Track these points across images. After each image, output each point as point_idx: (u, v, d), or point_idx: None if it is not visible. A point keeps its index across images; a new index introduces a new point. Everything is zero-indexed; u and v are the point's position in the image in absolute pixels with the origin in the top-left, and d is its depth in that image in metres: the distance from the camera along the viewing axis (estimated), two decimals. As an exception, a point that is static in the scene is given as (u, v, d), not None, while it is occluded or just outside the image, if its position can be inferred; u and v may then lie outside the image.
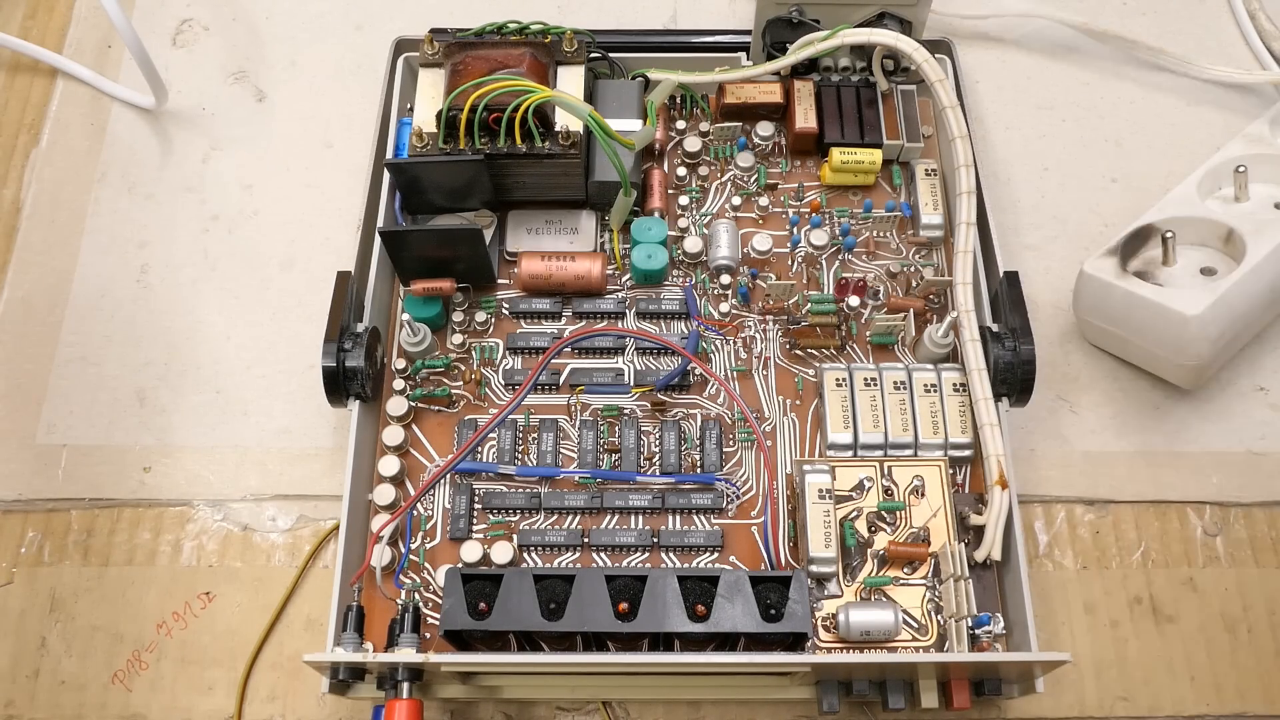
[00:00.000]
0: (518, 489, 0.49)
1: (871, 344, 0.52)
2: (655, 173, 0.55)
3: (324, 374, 0.47)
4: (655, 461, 0.49)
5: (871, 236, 0.54)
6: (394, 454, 0.49)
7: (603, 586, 0.41)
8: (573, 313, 0.53)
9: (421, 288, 0.51)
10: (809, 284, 0.53)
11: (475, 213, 0.53)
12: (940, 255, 0.54)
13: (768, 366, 0.51)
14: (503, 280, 0.53)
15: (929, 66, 0.51)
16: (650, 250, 0.52)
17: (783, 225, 0.55)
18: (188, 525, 0.50)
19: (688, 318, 0.52)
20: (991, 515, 0.46)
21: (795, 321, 0.51)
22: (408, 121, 0.54)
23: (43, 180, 0.55)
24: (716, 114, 0.57)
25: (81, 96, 0.56)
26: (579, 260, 0.52)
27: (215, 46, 0.56)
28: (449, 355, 0.51)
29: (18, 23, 0.57)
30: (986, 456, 0.47)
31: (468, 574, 0.42)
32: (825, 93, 0.55)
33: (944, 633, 0.45)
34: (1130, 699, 0.48)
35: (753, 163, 0.55)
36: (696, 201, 0.55)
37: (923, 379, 0.49)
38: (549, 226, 0.54)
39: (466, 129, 0.50)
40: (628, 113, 0.54)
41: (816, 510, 0.45)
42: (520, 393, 0.46)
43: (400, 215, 0.53)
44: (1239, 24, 0.60)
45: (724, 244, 0.53)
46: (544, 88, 0.49)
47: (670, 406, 0.51)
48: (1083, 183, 0.59)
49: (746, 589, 0.41)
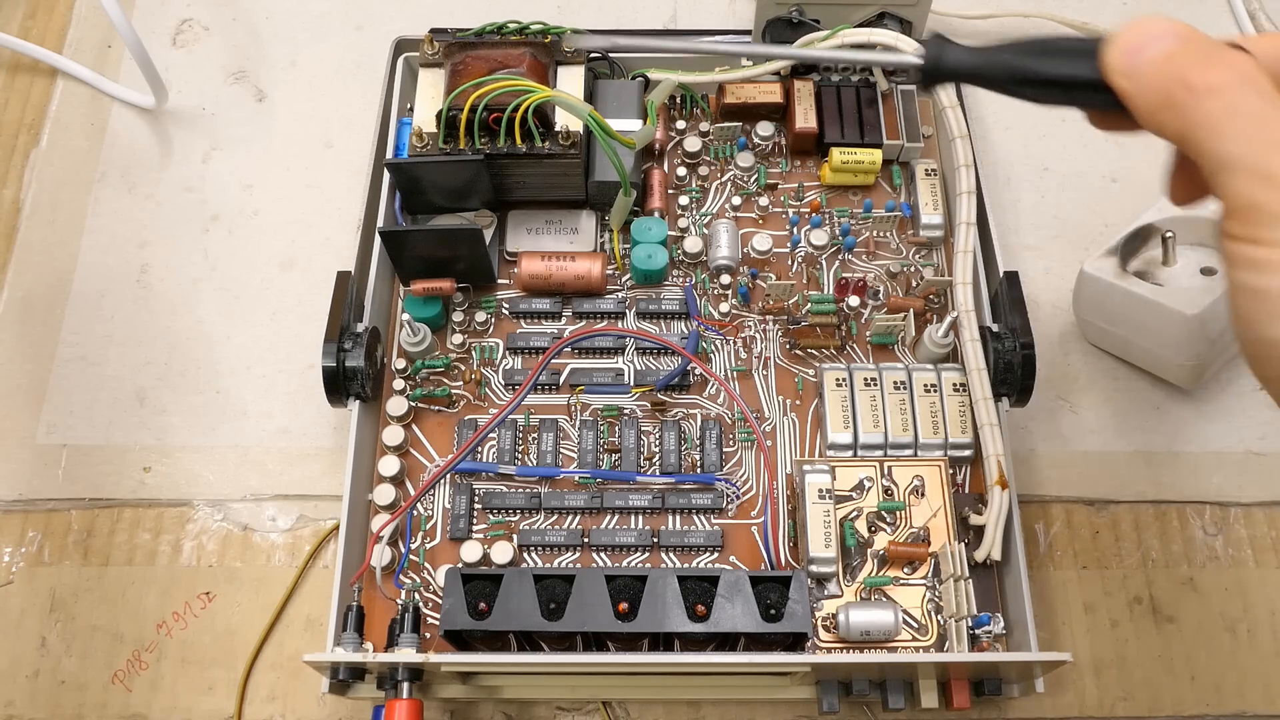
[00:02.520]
0: (518, 489, 0.49)
1: (871, 344, 0.52)
2: (655, 173, 0.55)
3: (324, 374, 0.47)
4: (655, 461, 0.49)
5: (872, 236, 0.54)
6: (394, 454, 0.49)
7: (603, 586, 0.41)
8: (573, 313, 0.53)
9: (421, 288, 0.51)
10: (809, 284, 0.53)
11: (475, 213, 0.53)
12: (940, 255, 0.54)
13: (768, 366, 0.51)
14: (503, 280, 0.53)
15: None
16: (650, 250, 0.52)
17: (783, 225, 0.55)
18: (188, 525, 0.50)
19: (688, 318, 0.52)
20: (991, 515, 0.46)
21: (795, 321, 0.51)
22: (408, 121, 0.54)
23: (43, 180, 0.55)
24: (716, 114, 0.57)
25: (81, 96, 0.56)
26: (579, 260, 0.52)
27: (215, 46, 0.56)
28: (449, 355, 0.51)
29: (18, 23, 0.57)
30: (986, 456, 0.47)
31: (468, 574, 0.42)
32: (825, 93, 0.55)
33: (944, 633, 0.45)
34: (1130, 699, 0.48)
35: (753, 163, 0.55)
36: (696, 201, 0.55)
37: (923, 379, 0.49)
38: (549, 226, 0.54)
39: (466, 129, 0.50)
40: (628, 112, 0.54)
41: (816, 510, 0.45)
42: (520, 393, 0.46)
43: (400, 215, 0.53)
44: (1239, 24, 0.61)
45: (724, 244, 0.53)
46: (544, 87, 0.49)
47: (670, 406, 0.51)
48: (1083, 183, 0.59)
49: (746, 589, 0.41)
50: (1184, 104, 0.30)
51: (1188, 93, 0.30)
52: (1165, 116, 0.30)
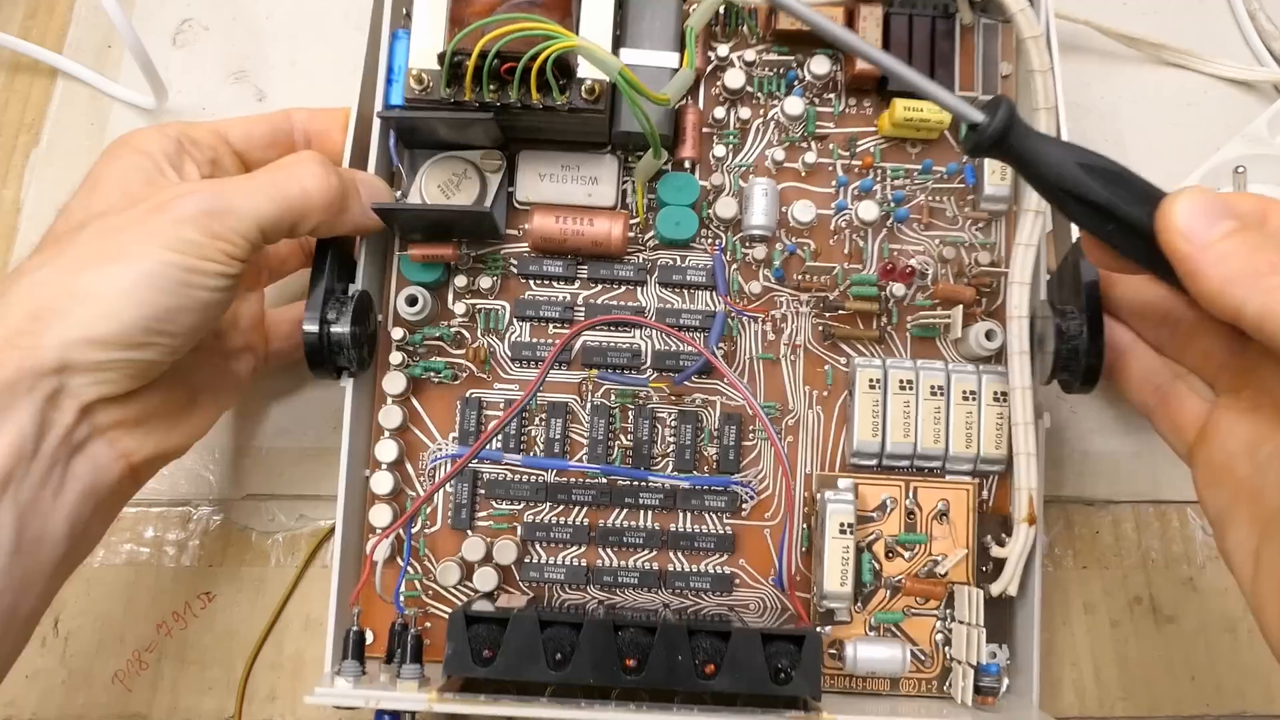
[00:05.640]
0: (523, 476, 0.46)
1: (912, 335, 0.48)
2: (689, 114, 0.48)
3: (305, 344, 0.42)
4: (669, 455, 0.47)
5: (927, 203, 0.48)
6: (392, 437, 0.46)
7: (611, 638, 0.40)
8: (588, 276, 0.48)
9: (421, 254, 0.46)
10: (851, 255, 0.48)
11: (482, 154, 0.47)
12: (1000, 231, 0.48)
13: (796, 352, 0.47)
14: (510, 230, 0.48)
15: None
16: (679, 216, 0.47)
17: (829, 180, 0.48)
18: (188, 525, 0.49)
19: (714, 289, 0.47)
20: (1015, 551, 0.44)
21: (832, 307, 0.47)
22: (403, 34, 0.46)
23: (43, 180, 0.54)
24: (765, 33, 0.49)
25: (81, 96, 0.55)
26: (596, 223, 0.46)
27: (215, 46, 0.55)
28: (450, 327, 0.47)
29: (18, 23, 0.56)
30: (1018, 489, 0.44)
31: (472, 615, 0.40)
32: (895, 23, 0.47)
33: (948, 666, 0.45)
34: (1130, 699, 0.49)
35: (801, 110, 0.48)
36: (734, 148, 0.48)
37: (962, 385, 0.46)
38: (565, 173, 0.47)
39: (474, 77, 0.42)
40: (661, 41, 0.46)
41: (835, 546, 0.44)
42: (524, 399, 0.43)
43: (395, 154, 0.46)
44: (1239, 24, 0.57)
45: (759, 210, 0.47)
46: (566, 33, 0.41)
47: (689, 392, 0.47)
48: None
49: (759, 654, 0.39)
50: (1270, 286, 0.31)
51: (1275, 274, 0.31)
52: (1239, 291, 0.31)
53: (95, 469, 0.38)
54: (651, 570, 0.46)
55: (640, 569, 0.46)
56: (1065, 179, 0.34)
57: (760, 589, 0.46)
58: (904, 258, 0.48)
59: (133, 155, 0.41)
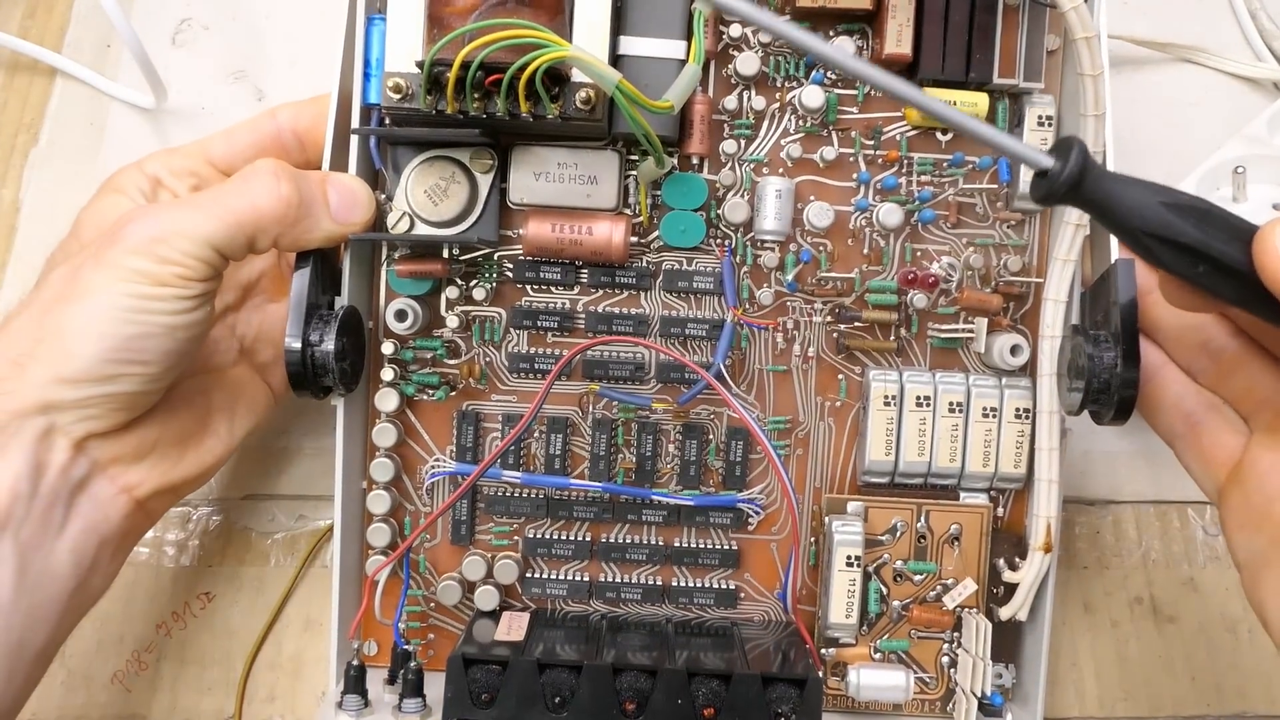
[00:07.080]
0: (523, 492, 0.45)
1: (932, 345, 0.45)
2: (697, 105, 0.43)
3: (288, 365, 0.40)
4: (673, 471, 0.45)
5: (955, 199, 0.44)
6: (386, 455, 0.44)
7: (610, 682, 0.39)
8: (588, 282, 0.45)
9: (408, 270, 0.43)
10: (870, 256, 0.44)
11: (471, 152, 0.43)
12: (1033, 231, 0.44)
13: (809, 362, 0.45)
14: (505, 232, 0.45)
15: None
16: (685, 223, 0.43)
17: (849, 175, 0.44)
18: (187, 525, 0.49)
19: (722, 296, 0.45)
20: (1027, 578, 0.43)
21: (848, 317, 0.44)
22: (379, 19, 0.42)
23: (43, 180, 0.53)
24: (785, 8, 0.44)
25: (81, 96, 0.54)
26: (596, 231, 0.43)
27: (215, 46, 0.54)
28: (442, 339, 0.44)
29: (17, 22, 0.55)
30: (1036, 515, 0.43)
31: (471, 658, 0.40)
32: (930, 1, 0.42)
33: (952, 688, 0.44)
34: (1130, 699, 0.49)
35: (822, 102, 0.43)
36: (745, 140, 0.44)
37: (982, 401, 0.43)
38: (562, 171, 0.44)
39: (456, 87, 0.38)
40: (666, 27, 0.41)
41: (842, 579, 0.42)
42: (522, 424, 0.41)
43: (377, 155, 0.43)
44: (1240, 24, 0.55)
45: (771, 214, 0.43)
46: (559, 40, 0.37)
47: (694, 404, 0.45)
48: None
49: (759, 695, 0.39)
50: None
51: None
52: None
53: (97, 506, 0.39)
54: (655, 585, 0.45)
55: (644, 584, 0.45)
56: (1150, 222, 0.31)
57: (764, 602, 0.46)
58: (927, 260, 0.44)
59: (110, 195, 0.41)
